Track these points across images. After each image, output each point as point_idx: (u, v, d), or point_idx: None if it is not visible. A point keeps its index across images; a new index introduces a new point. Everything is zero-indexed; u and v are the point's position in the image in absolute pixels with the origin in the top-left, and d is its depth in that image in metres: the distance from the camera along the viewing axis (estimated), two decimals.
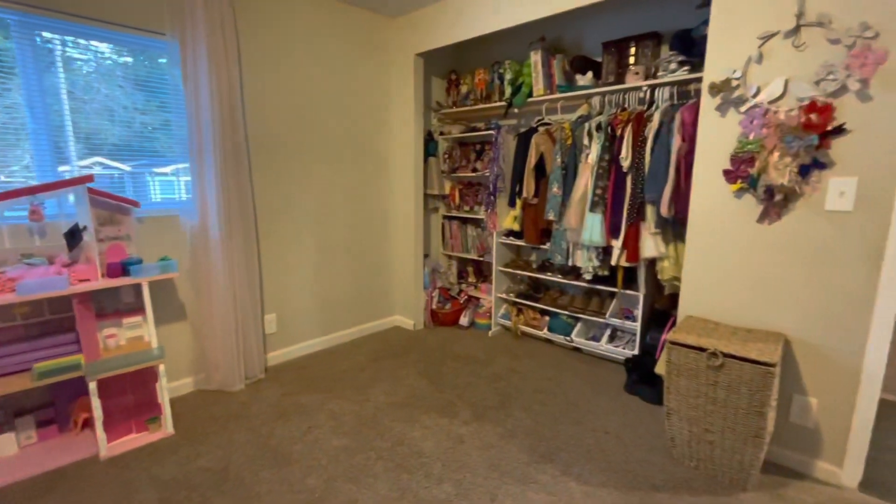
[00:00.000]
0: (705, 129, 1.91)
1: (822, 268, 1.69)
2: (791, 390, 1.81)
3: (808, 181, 1.67)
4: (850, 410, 1.69)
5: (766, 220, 1.79)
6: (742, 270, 1.88)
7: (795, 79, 1.66)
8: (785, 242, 1.76)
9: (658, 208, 2.24)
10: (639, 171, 2.34)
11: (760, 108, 1.74)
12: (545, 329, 3.14)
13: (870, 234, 1.58)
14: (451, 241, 3.80)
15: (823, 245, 1.67)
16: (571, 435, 2.09)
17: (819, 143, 1.62)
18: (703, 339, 1.75)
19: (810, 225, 1.69)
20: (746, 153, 1.78)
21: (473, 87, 3.40)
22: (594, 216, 2.52)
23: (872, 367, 1.63)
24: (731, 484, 1.73)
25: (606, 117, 2.51)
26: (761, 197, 1.77)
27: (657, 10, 2.61)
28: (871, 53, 1.51)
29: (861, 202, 1.59)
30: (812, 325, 1.73)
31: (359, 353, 3.08)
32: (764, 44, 1.72)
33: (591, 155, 2.55)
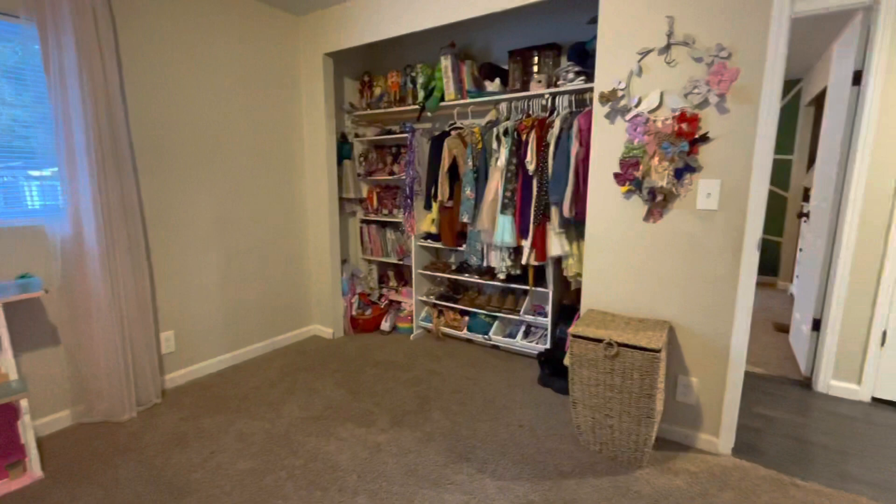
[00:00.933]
0: (597, 135, 2.06)
1: (696, 260, 1.89)
2: (676, 372, 2.01)
3: (682, 183, 1.86)
4: (722, 386, 1.92)
5: (650, 218, 1.96)
6: (633, 265, 2.05)
7: (669, 91, 1.85)
8: (667, 239, 1.94)
9: (561, 209, 2.37)
10: (543, 175, 2.46)
11: (642, 116, 1.91)
12: (465, 329, 3.20)
13: (732, 230, 1.80)
14: (370, 246, 3.73)
15: (696, 240, 1.88)
16: (488, 432, 2.14)
17: (689, 150, 1.82)
18: (601, 330, 1.88)
19: (685, 222, 1.89)
20: (632, 157, 1.95)
21: (387, 90, 3.37)
22: (505, 218, 2.61)
23: (737, 346, 1.86)
24: (629, 463, 1.88)
25: (513, 123, 2.61)
26: (646, 198, 1.94)
27: (556, 23, 2.78)
28: (726, 71, 1.72)
29: (724, 201, 1.80)
30: (690, 312, 1.94)
31: (271, 367, 2.90)
32: (643, 59, 1.89)
33: (500, 159, 2.64)
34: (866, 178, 2.29)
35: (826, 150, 2.79)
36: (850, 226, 2.35)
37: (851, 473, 1.84)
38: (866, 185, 2.29)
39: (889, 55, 2.18)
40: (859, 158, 2.28)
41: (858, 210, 2.32)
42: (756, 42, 1.67)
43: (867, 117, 2.25)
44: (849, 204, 2.34)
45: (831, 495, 1.70)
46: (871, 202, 2.29)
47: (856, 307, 2.39)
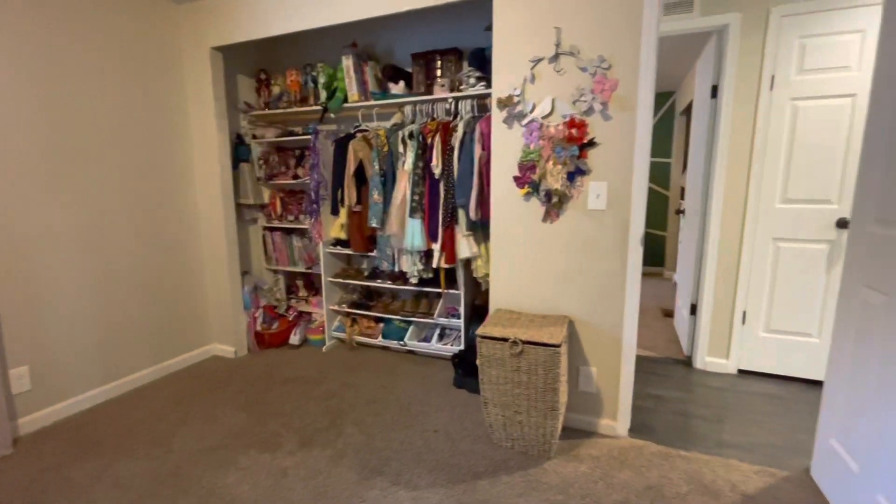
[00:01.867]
0: (497, 139, 2.11)
1: (590, 257, 2.02)
2: (578, 363, 2.13)
3: (575, 186, 1.98)
4: (618, 373, 2.07)
5: (548, 219, 2.06)
6: (535, 264, 2.13)
7: (559, 98, 1.95)
8: (564, 238, 2.05)
9: (467, 212, 2.40)
10: (449, 178, 2.48)
11: (536, 122, 1.99)
12: (380, 336, 3.12)
13: (619, 228, 1.95)
14: (274, 255, 3.49)
15: (589, 238, 2.00)
16: (403, 441, 2.09)
17: (579, 154, 1.93)
18: (507, 329, 1.92)
19: (579, 222, 2.01)
20: (529, 161, 2.03)
21: (287, 89, 3.18)
22: (414, 221, 2.59)
23: (628, 336, 2.01)
24: (538, 455, 1.95)
25: (418, 126, 2.60)
26: (543, 200, 2.03)
27: (457, 28, 2.82)
28: (607, 81, 1.85)
29: (611, 202, 1.94)
30: (587, 306, 2.06)
31: (161, 396, 2.58)
32: (535, 66, 1.98)
33: (406, 162, 2.61)
34: (725, 179, 2.62)
35: (694, 154, 3.16)
36: (714, 221, 2.68)
37: (725, 440, 2.09)
38: (725, 185, 2.63)
39: (738, 71, 2.52)
40: (719, 161, 2.61)
41: (720, 207, 2.66)
42: (631, 56, 1.82)
43: (723, 125, 2.58)
44: (713, 202, 2.67)
45: (709, 461, 1.91)
46: (728, 200, 2.63)
47: (722, 292, 2.73)
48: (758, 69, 2.48)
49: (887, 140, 1.43)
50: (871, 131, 1.53)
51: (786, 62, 2.43)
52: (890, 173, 1.41)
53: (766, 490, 1.73)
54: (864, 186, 1.55)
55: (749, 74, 2.50)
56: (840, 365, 1.64)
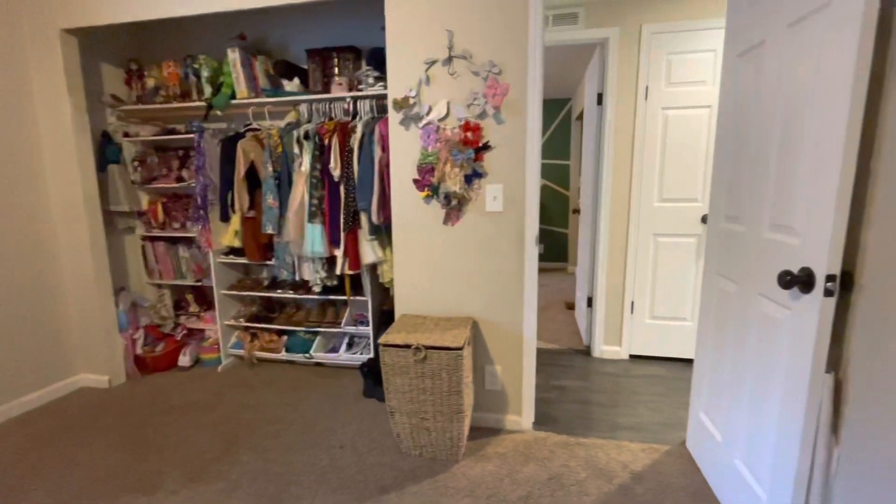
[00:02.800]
0: (395, 141, 2.06)
1: (490, 258, 2.05)
2: (483, 362, 2.16)
3: (473, 188, 2.00)
4: (520, 369, 2.13)
5: (449, 221, 2.06)
6: (438, 267, 2.12)
7: (454, 101, 1.96)
8: (465, 240, 2.06)
9: (370, 216, 2.33)
10: (350, 181, 2.38)
11: (433, 124, 1.98)
12: (284, 350, 2.91)
13: (515, 229, 2.01)
14: (157, 267, 3.11)
15: (489, 240, 2.04)
16: (305, 462, 1.96)
17: (476, 157, 1.95)
18: (411, 335, 1.88)
19: (479, 224, 2.04)
20: (428, 164, 2.01)
21: (164, 82, 2.85)
22: (314, 227, 2.45)
23: (529, 332, 2.08)
24: (447, 460, 1.94)
25: (314, 126, 2.46)
26: (443, 202, 2.03)
27: (355, 26, 2.73)
28: (498, 86, 1.90)
29: (507, 204, 1.99)
30: (489, 306, 2.10)
31: (7, 443, 2.16)
32: (429, 68, 1.97)
33: (303, 164, 2.46)
34: (612, 180, 2.84)
35: (586, 156, 3.39)
36: (604, 219, 2.89)
37: (618, 422, 2.25)
38: (612, 185, 2.85)
39: (618, 81, 2.74)
40: (606, 164, 2.82)
41: (609, 206, 2.87)
42: (520, 62, 1.88)
43: (608, 131, 2.79)
44: (602, 201, 2.88)
45: (604, 445, 2.04)
46: (615, 200, 2.86)
47: (614, 285, 2.95)
48: (635, 80, 2.72)
49: (731, 148, 1.63)
50: (719, 140, 1.73)
51: (657, 75, 2.69)
52: (734, 177, 1.60)
53: (651, 466, 1.89)
54: (716, 187, 1.76)
55: (628, 84, 2.73)
56: (704, 346, 1.84)
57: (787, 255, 1.25)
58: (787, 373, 1.25)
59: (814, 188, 1.14)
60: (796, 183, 1.23)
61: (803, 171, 1.20)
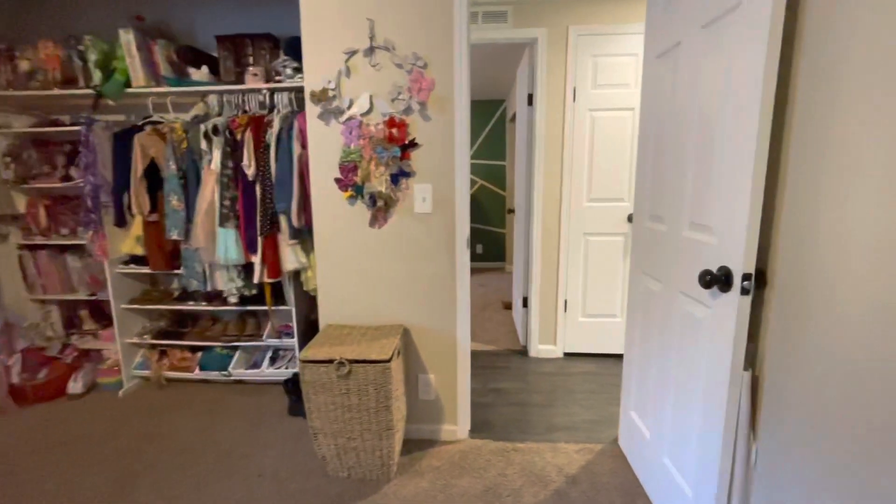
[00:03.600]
0: (314, 137, 1.90)
1: (420, 262, 1.95)
2: (416, 371, 2.05)
3: (400, 188, 1.88)
4: (455, 376, 2.05)
5: (376, 224, 1.93)
6: (365, 273, 1.98)
7: (377, 95, 1.83)
8: (393, 243, 1.94)
9: (290, 218, 2.14)
10: (266, 180, 2.17)
11: (355, 119, 1.84)
12: (198, 368, 2.62)
13: (446, 231, 1.92)
14: (40, 281, 2.68)
15: (419, 243, 1.93)
16: (218, 496, 1.74)
17: (402, 155, 1.84)
18: (335, 348, 1.73)
19: (407, 226, 1.92)
20: (350, 162, 1.86)
21: (41, 66, 2.45)
22: (227, 231, 2.21)
23: (462, 337, 2.01)
24: (378, 480, 1.80)
25: (225, 119, 2.22)
26: (368, 203, 1.89)
27: (270, 13, 2.51)
28: (424, 80, 1.80)
29: (436, 205, 1.90)
30: (421, 312, 2.00)
31: None
32: (350, 59, 1.82)
33: (213, 161, 2.21)
34: (543, 180, 2.85)
35: (520, 157, 3.39)
36: (537, 219, 2.90)
37: (554, 423, 2.23)
38: (544, 186, 2.85)
39: (548, 82, 2.75)
40: (538, 164, 2.82)
41: (541, 206, 2.88)
42: (446, 57, 1.79)
43: (539, 131, 2.79)
44: (535, 201, 2.88)
45: (540, 449, 2.01)
46: (547, 200, 2.87)
47: (548, 284, 2.97)
48: (563, 82, 2.74)
49: (652, 149, 1.65)
50: (641, 141, 1.75)
51: (584, 77, 2.73)
52: (656, 177, 1.62)
53: (585, 467, 1.88)
54: (639, 188, 1.78)
55: (557, 85, 2.75)
56: (632, 345, 1.86)
57: (706, 254, 1.26)
58: (707, 370, 1.26)
59: (729, 189, 1.15)
60: (712, 183, 1.24)
61: (718, 172, 1.21)
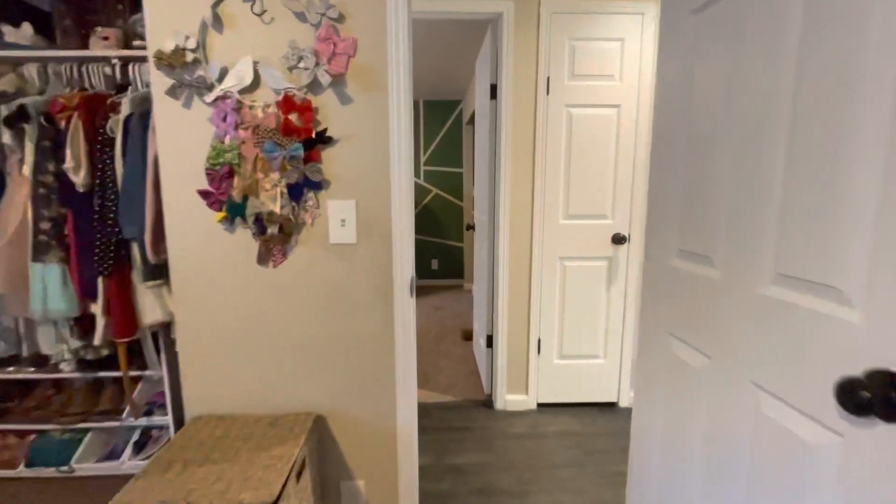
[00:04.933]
0: (165, 124, 1.21)
1: (340, 316, 1.30)
2: (338, 478, 1.39)
3: (305, 206, 1.23)
4: (396, 479, 1.40)
5: (269, 261, 1.26)
6: (254, 332, 1.30)
7: (266, 61, 1.18)
8: (298, 290, 1.28)
9: (143, 248, 1.42)
10: (107, 191, 1.44)
11: (231, 99, 1.17)
12: (23, 464, 1.81)
13: (378, 271, 1.28)
14: None
15: (337, 287, 1.28)
16: None
17: (308, 155, 1.19)
18: (187, 474, 1.04)
19: (319, 263, 1.27)
20: (222, 165, 1.19)
21: None
22: (47, 268, 1.46)
23: (406, 424, 1.37)
24: None
25: (45, 99, 1.48)
26: (255, 230, 1.22)
27: None
28: (340, 40, 1.16)
29: (364, 231, 1.26)
30: (342, 391, 1.34)
31: None
32: (220, 4, 1.16)
33: (26, 163, 1.45)
34: (510, 191, 2.28)
35: (480, 163, 2.82)
36: (503, 239, 2.32)
37: None
38: (511, 198, 2.29)
39: (515, 69, 2.19)
40: (504, 171, 2.25)
41: (508, 223, 2.31)
42: (374, 6, 1.17)
43: (504, 131, 2.22)
44: (500, 217, 2.31)
45: None
46: (516, 214, 2.30)
47: (517, 320, 2.40)
48: (534, 69, 2.20)
49: (682, 154, 1.10)
50: (658, 142, 1.20)
51: (559, 65, 2.20)
52: (692, 195, 1.07)
53: None
54: (655, 208, 1.23)
55: (526, 74, 2.20)
56: (649, 429, 1.30)
57: (832, 337, 0.71)
58: None
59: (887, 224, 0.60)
60: (844, 213, 0.69)
61: (858, 193, 0.66)
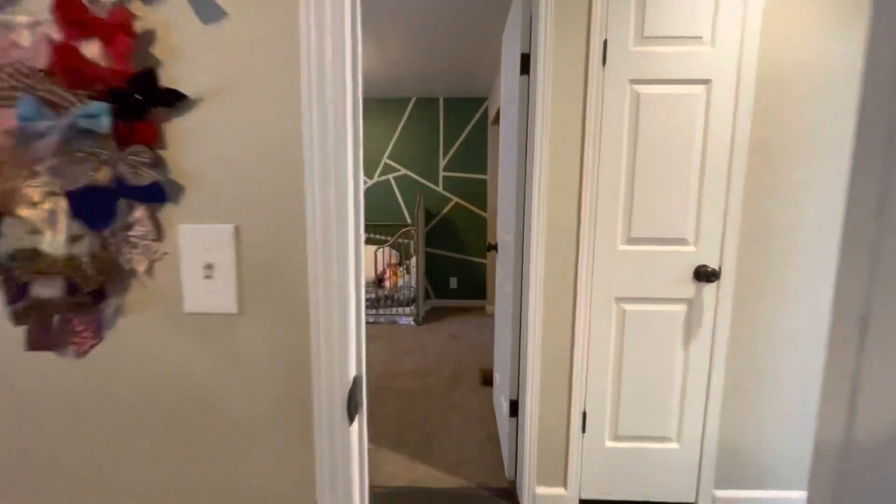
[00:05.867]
0: None
1: (208, 459, 0.65)
2: None
3: (130, 238, 0.59)
4: None
5: (64, 345, 0.62)
6: (37, 479, 0.67)
7: None
8: (123, 401, 0.64)
9: None
10: None
11: None
12: None
13: (282, 369, 0.63)
14: None
15: (201, 400, 0.64)
16: None
17: (128, 129, 0.56)
18: None
19: (166, 352, 0.63)
20: None
21: None
22: None
23: None
24: None
25: None
26: (11, 290, 0.59)
27: None
28: None
29: (253, 289, 0.62)
30: None
31: None
32: None
33: None
34: (546, 204, 1.60)
35: (505, 165, 2.15)
36: (536, 268, 1.64)
37: None
38: (546, 214, 1.61)
39: (556, 30, 1.53)
40: (538, 174, 1.58)
41: (543, 246, 1.63)
42: None
43: (540, 119, 1.55)
44: (532, 237, 1.63)
45: None
46: (554, 235, 1.62)
47: (553, 382, 1.70)
48: (584, 29, 1.52)
49: None
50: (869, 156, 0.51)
51: (621, 22, 1.51)
52: None
53: None
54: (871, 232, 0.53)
55: (572, 37, 1.53)
56: None
57: None
58: None
59: None
60: None
61: None
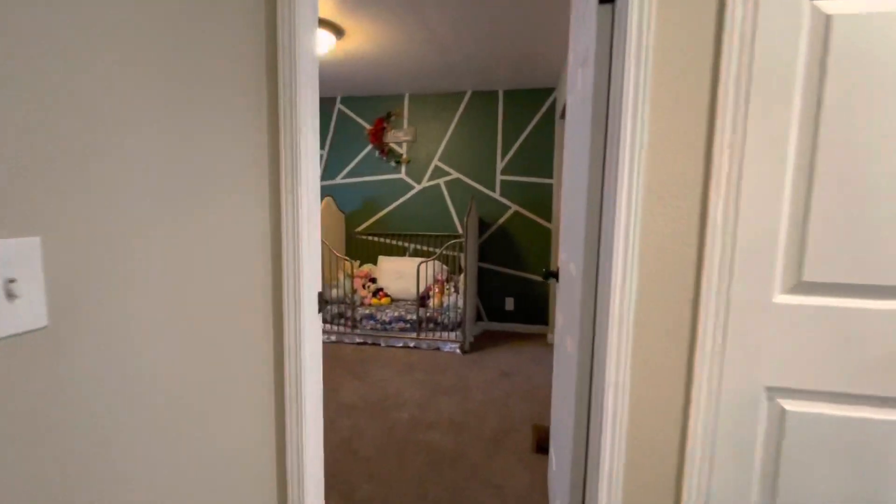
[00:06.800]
0: None
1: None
2: None
3: None
4: None
5: None
6: None
7: None
8: None
9: None
10: None
11: None
12: None
13: None
14: None
15: None
16: None
17: None
18: None
19: None
20: None
21: None
22: None
23: None
24: None
25: None
26: None
27: None
28: None
29: None
30: None
31: None
32: None
33: None
34: (642, 211, 0.94)
35: (572, 164, 1.49)
36: (618, 330, 0.98)
37: None
38: (641, 226, 0.94)
39: None
40: (627, 165, 0.92)
41: (632, 289, 0.96)
42: None
43: (634, 58, 0.90)
44: (614, 278, 0.97)
45: None
46: (652, 265, 0.95)
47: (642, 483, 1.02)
48: None
49: None
50: None
51: None
52: None
53: None
54: None
55: None
56: None
57: None
58: None
59: None
60: None
61: None
